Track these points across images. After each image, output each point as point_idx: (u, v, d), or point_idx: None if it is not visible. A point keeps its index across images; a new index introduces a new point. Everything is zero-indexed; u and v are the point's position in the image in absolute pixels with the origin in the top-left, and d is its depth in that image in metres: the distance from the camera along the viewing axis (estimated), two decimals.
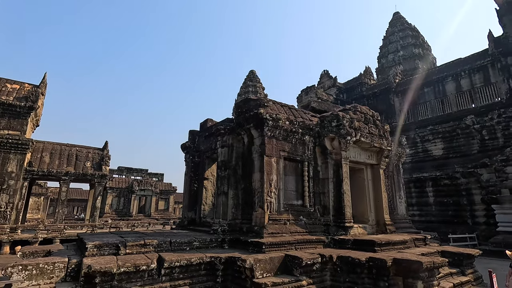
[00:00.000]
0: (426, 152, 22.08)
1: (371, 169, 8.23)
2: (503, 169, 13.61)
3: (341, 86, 31.52)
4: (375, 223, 7.86)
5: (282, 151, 6.71)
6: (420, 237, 7.12)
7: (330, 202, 7.03)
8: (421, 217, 20.11)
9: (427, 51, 40.74)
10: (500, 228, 12.51)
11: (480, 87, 21.18)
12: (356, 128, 7.34)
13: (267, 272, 4.99)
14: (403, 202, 9.61)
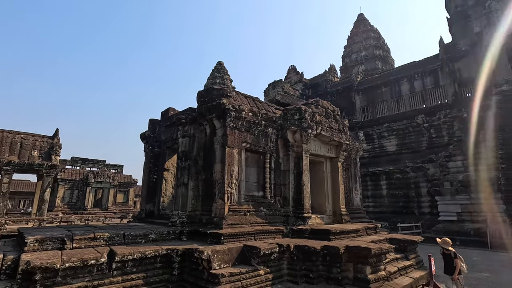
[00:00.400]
0: (382, 148, 23.56)
1: (330, 162, 8.56)
2: (446, 164, 15.01)
3: (307, 82, 32.28)
4: (332, 213, 8.21)
5: (244, 142, 6.68)
6: (371, 226, 7.59)
7: (290, 193, 7.19)
8: (375, 208, 21.50)
9: (387, 53, 43.08)
10: (441, 217, 13.85)
11: (430, 89, 22.99)
12: (317, 122, 7.54)
13: (225, 263, 4.97)
14: (358, 194, 10.16)
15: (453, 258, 5.19)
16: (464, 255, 10.09)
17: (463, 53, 21.06)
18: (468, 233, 12.51)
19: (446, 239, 5.46)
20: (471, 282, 6.52)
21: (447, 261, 5.29)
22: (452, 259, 5.19)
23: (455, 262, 5.14)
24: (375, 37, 42.99)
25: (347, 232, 6.55)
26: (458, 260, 5.16)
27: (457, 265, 5.10)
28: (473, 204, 12.91)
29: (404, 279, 5.83)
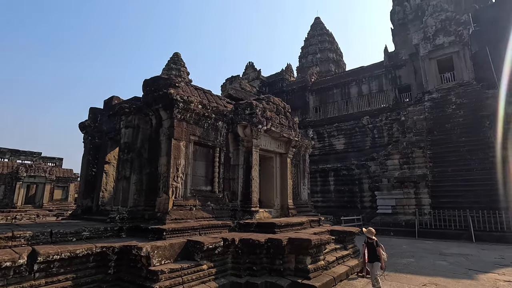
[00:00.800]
0: (331, 146, 24.94)
1: (279, 158, 8.77)
2: (385, 162, 16.46)
3: (264, 80, 32.69)
4: (280, 207, 8.44)
5: (192, 135, 6.49)
6: (315, 219, 7.98)
7: (239, 188, 7.21)
8: (323, 202, 22.71)
9: (340, 57, 45.53)
10: (379, 210, 15.19)
11: (376, 93, 24.92)
12: (268, 117, 7.65)
13: (166, 259, 4.78)
14: (306, 189, 10.61)
15: (376, 246, 5.42)
16: (395, 244, 11.23)
17: (403, 62, 23.22)
18: (400, 224, 13.91)
19: (370, 229, 5.68)
20: (399, 267, 7.25)
21: (370, 250, 5.50)
22: (374, 248, 5.42)
23: (377, 250, 5.37)
24: (330, 41, 45.18)
25: (291, 225, 6.78)
26: (380, 249, 5.39)
27: (380, 253, 5.34)
28: (406, 198, 14.38)
29: (341, 268, 6.24)
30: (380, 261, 5.32)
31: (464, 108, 16.94)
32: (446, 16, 19.92)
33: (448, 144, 15.62)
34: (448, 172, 14.49)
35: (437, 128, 16.81)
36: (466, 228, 12.12)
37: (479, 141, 14.82)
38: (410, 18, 23.45)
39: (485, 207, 12.33)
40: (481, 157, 14.10)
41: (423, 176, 14.22)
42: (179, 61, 41.98)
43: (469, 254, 8.95)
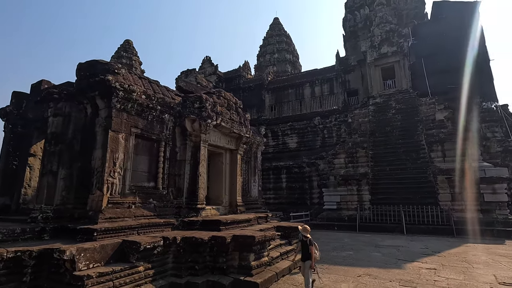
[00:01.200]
0: (285, 144, 25.59)
1: (230, 154, 8.65)
2: (332, 161, 17.39)
3: (221, 75, 32.22)
4: (228, 204, 8.33)
5: (134, 127, 6.01)
6: (263, 216, 8.04)
7: (185, 184, 6.91)
8: (275, 199, 23.21)
9: (296, 58, 46.89)
10: (326, 206, 16.01)
11: (327, 95, 26.16)
12: (218, 112, 7.46)
13: (95, 262, 4.34)
14: (256, 186, 10.67)
15: (309, 245, 5.12)
16: (338, 237, 11.90)
17: (352, 67, 24.73)
18: (343, 219, 14.82)
19: (306, 227, 5.41)
20: (338, 260, 7.65)
21: (304, 248, 5.20)
22: (308, 246, 5.13)
23: (310, 249, 5.08)
24: (287, 42, 46.31)
25: (238, 222, 6.71)
26: (312, 247, 5.10)
27: (312, 252, 5.06)
28: (349, 195, 15.36)
29: (285, 263, 6.35)
30: (312, 261, 5.05)
31: (402, 113, 18.67)
32: (390, 28, 21.72)
33: (387, 146, 17.06)
34: (386, 171, 15.82)
35: (379, 130, 18.26)
36: (400, 222, 13.36)
37: (413, 143, 16.45)
38: (360, 27, 25.08)
39: (416, 202, 13.72)
40: (414, 158, 15.67)
41: (365, 174, 15.33)
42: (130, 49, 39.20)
43: (400, 246, 9.85)
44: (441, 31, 20.55)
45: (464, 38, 19.67)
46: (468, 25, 20.05)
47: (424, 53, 20.78)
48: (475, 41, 19.79)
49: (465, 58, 19.33)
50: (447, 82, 19.27)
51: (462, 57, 19.30)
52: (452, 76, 19.26)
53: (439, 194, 13.58)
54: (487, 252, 8.66)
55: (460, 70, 19.13)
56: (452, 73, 19.30)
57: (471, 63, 19.34)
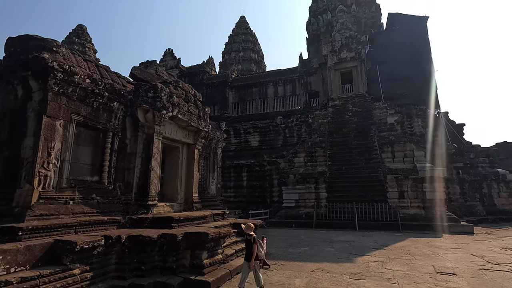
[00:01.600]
0: (247, 142, 25.51)
1: (187, 148, 8.25)
2: (292, 159, 17.70)
3: (184, 70, 31.16)
4: (183, 201, 7.94)
5: (76, 114, 5.38)
6: (219, 213, 7.80)
7: (135, 179, 6.40)
8: (235, 198, 23.03)
9: (261, 58, 47.21)
10: (284, 204, 16.24)
11: (290, 95, 26.67)
12: (175, 103, 7.05)
13: (18, 266, 3.75)
14: (215, 183, 10.37)
15: (252, 243, 4.68)
16: (295, 234, 12.09)
17: (314, 70, 25.53)
18: (301, 216, 15.15)
19: (249, 224, 5.05)
20: (294, 256, 7.71)
21: (247, 247, 4.83)
22: (251, 245, 4.71)
23: (252, 247, 4.67)
24: (253, 42, 46.43)
25: (192, 219, 6.39)
26: (255, 246, 4.70)
27: (254, 251, 4.65)
28: (307, 192, 15.75)
29: (239, 260, 6.19)
30: (252, 259, 4.64)
31: (358, 116, 19.69)
32: (350, 35, 22.79)
33: (344, 146, 17.85)
34: (342, 170, 16.52)
35: (337, 131, 19.04)
36: (353, 219, 14.01)
37: (366, 145, 17.40)
38: (322, 31, 25.95)
39: (368, 200, 14.50)
40: (367, 158, 16.59)
41: (322, 173, 15.83)
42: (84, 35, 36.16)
43: (352, 241, 10.29)
44: (395, 40, 22.07)
45: (414, 49, 21.35)
46: (418, 37, 21.83)
47: (379, 60, 22.13)
48: (423, 53, 21.61)
49: (414, 67, 21.00)
50: (398, 89, 20.74)
51: (411, 66, 20.92)
52: (403, 83, 20.80)
53: (388, 192, 14.51)
54: (427, 245, 9.40)
55: (410, 78, 20.73)
56: (403, 80, 20.83)
57: (419, 73, 21.08)
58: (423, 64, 21.45)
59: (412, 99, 20.36)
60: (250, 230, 4.94)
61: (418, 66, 21.12)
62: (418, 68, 21.12)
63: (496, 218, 16.37)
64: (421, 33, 21.98)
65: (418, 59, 21.30)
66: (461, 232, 12.04)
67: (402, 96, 20.53)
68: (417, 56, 21.37)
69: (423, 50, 21.72)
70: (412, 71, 20.84)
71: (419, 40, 21.84)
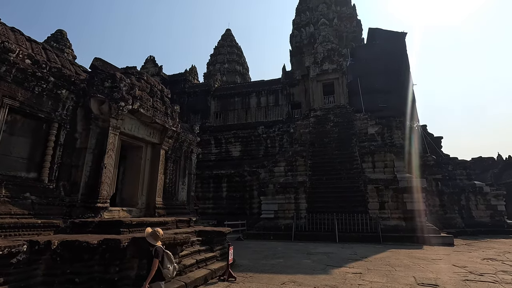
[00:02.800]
0: (228, 152, 24.81)
1: (152, 148, 7.54)
2: (273, 169, 17.16)
3: (166, 77, 30.48)
4: (145, 206, 7.14)
5: (10, 98, 4.63)
6: (184, 219, 7.04)
7: (84, 177, 5.61)
8: (214, 209, 22.07)
9: (246, 71, 47.42)
10: (263, 215, 15.51)
11: (272, 106, 26.48)
12: (137, 96, 6.40)
13: None
14: (186, 189, 9.61)
15: (153, 256, 3.63)
16: (271, 247, 11.35)
17: (297, 81, 25.55)
18: (280, 228, 14.45)
19: (155, 230, 3.87)
20: (266, 268, 7.01)
21: (148, 261, 3.82)
22: (151, 258, 3.65)
23: (153, 263, 3.60)
24: (238, 54, 46.76)
25: (148, 224, 5.60)
26: (156, 261, 3.61)
27: (153, 268, 3.57)
28: (287, 203, 15.14)
29: (201, 272, 5.44)
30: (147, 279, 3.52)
31: (339, 126, 19.56)
32: (332, 47, 23.07)
33: (325, 156, 17.52)
34: (323, 180, 16.09)
35: (318, 141, 18.75)
36: (333, 230, 13.45)
37: (347, 155, 17.14)
38: (305, 43, 26.24)
39: (349, 211, 14.03)
40: (348, 168, 16.27)
41: (303, 182, 15.33)
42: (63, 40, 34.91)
43: (331, 252, 9.68)
44: (375, 54, 22.50)
45: (393, 63, 21.81)
46: (396, 51, 22.37)
47: (360, 73, 22.40)
48: (401, 66, 22.10)
49: (394, 81, 21.36)
50: (379, 101, 20.96)
51: (391, 79, 21.29)
52: (383, 96, 21.06)
53: (369, 203, 14.13)
54: (408, 256, 8.93)
55: (389, 91, 21.02)
56: (383, 93, 21.10)
57: (398, 86, 21.45)
58: (401, 78, 21.90)
59: (392, 111, 20.55)
60: (155, 238, 3.80)
61: (397, 79, 21.53)
62: (397, 81, 21.52)
63: (475, 230, 16.29)
64: (400, 48, 22.56)
65: (397, 73, 21.74)
66: (442, 243, 11.71)
67: (382, 108, 20.70)
68: (396, 69, 21.83)
69: (401, 64, 22.24)
70: (392, 84, 21.18)
71: (398, 54, 22.39)
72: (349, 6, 26.57)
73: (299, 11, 27.54)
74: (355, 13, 26.52)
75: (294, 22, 27.60)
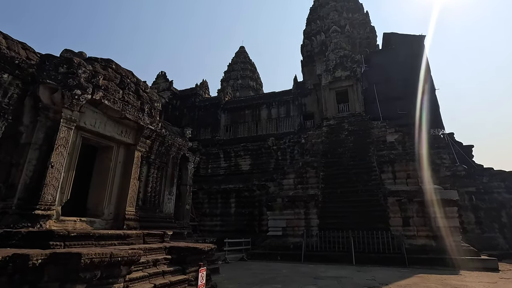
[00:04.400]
0: (237, 166, 23.67)
1: (125, 150, 6.54)
2: (281, 182, 15.75)
3: (176, 92, 30.41)
4: (112, 217, 6.04)
5: None
6: (157, 233, 5.84)
7: (24, 178, 4.62)
8: (222, 227, 20.70)
9: (260, 86, 47.14)
10: (270, 233, 13.96)
11: (284, 117, 25.34)
12: (100, 86, 5.49)
13: None
14: (172, 200, 8.47)
15: None
16: (275, 268, 9.77)
17: (309, 91, 24.43)
18: (288, 247, 12.83)
19: None
20: None
21: None
22: None
23: None
24: (252, 70, 46.84)
25: (98, 237, 4.46)
26: None
27: None
28: (296, 219, 13.56)
29: None
30: None
31: (354, 135, 17.98)
32: (344, 54, 21.93)
33: (339, 167, 15.93)
34: (337, 193, 14.45)
35: (331, 151, 17.23)
36: (349, 250, 11.69)
37: (364, 165, 15.47)
38: (316, 52, 25.29)
39: (367, 228, 12.26)
40: (366, 180, 14.56)
41: (313, 196, 13.77)
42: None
43: (344, 277, 8.04)
44: (391, 60, 21.08)
45: (412, 68, 20.22)
46: (415, 56, 20.81)
47: (376, 80, 20.96)
48: (421, 71, 20.45)
49: (413, 86, 19.71)
50: (398, 108, 19.31)
51: (410, 85, 19.65)
52: (402, 102, 19.39)
53: (390, 219, 12.30)
54: (442, 284, 7.15)
55: (409, 97, 19.35)
56: (402, 100, 19.45)
57: (419, 91, 19.75)
58: (422, 83, 20.20)
59: (413, 118, 18.77)
60: None
61: (417, 85, 19.86)
62: (417, 87, 19.84)
63: None
64: (418, 51, 21.01)
65: (416, 78, 20.09)
66: (483, 268, 9.66)
67: (401, 116, 18.99)
68: (416, 75, 20.20)
69: (421, 68, 20.60)
70: (411, 90, 19.53)
71: (417, 59, 20.80)
72: (361, 13, 25.59)
73: (309, 21, 26.88)
74: (368, 19, 25.47)
75: (305, 32, 26.89)
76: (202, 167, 24.65)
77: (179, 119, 28.93)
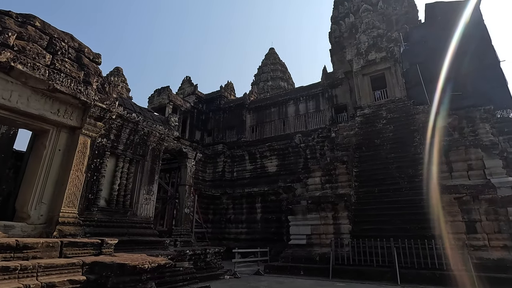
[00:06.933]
0: (263, 168, 21.83)
1: (68, 135, 5.14)
2: (306, 181, 13.48)
3: (201, 96, 29.75)
4: (44, 220, 4.62)
5: None
6: (87, 242, 4.22)
7: None
8: (248, 234, 18.95)
9: (292, 86, 45.17)
10: (292, 241, 11.71)
11: (313, 112, 22.99)
12: (11, 46, 4.15)
13: None
14: (151, 201, 6.91)
15: None
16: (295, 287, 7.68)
17: (339, 80, 21.77)
18: (313, 259, 10.48)
19: None
20: None
21: None
22: None
23: None
24: (282, 70, 45.23)
25: None
26: None
27: None
28: (323, 224, 11.16)
29: None
30: None
31: (395, 123, 15.03)
32: (378, 33, 19.03)
33: (376, 161, 13.19)
34: (374, 193, 11.79)
35: (366, 144, 14.52)
36: (392, 264, 9.01)
37: (408, 157, 12.55)
38: (346, 36, 22.65)
39: (414, 235, 9.47)
40: (411, 175, 11.69)
41: (342, 196, 11.25)
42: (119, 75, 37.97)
43: None
44: (438, 34, 17.63)
45: (465, 40, 16.60)
46: (469, 25, 17.12)
47: (419, 59, 17.70)
48: (478, 42, 16.68)
49: (469, 62, 16.10)
50: (449, 89, 15.84)
51: (464, 61, 16.07)
52: (456, 82, 15.91)
53: (447, 223, 9.32)
54: None
55: (465, 75, 15.83)
56: (455, 79, 15.96)
57: (479, 67, 16.07)
58: (482, 56, 16.43)
59: (472, 99, 15.20)
60: None
61: (475, 59, 16.18)
62: (475, 61, 16.17)
63: None
64: (474, 19, 17.26)
65: (474, 51, 16.39)
66: None
67: (455, 98, 15.50)
68: (472, 47, 16.50)
69: (479, 39, 16.81)
70: (466, 66, 15.94)
71: (472, 28, 17.08)
72: None
73: (336, 4, 24.31)
74: None
75: (332, 17, 24.36)
76: (227, 170, 23.31)
77: (205, 123, 28.20)
